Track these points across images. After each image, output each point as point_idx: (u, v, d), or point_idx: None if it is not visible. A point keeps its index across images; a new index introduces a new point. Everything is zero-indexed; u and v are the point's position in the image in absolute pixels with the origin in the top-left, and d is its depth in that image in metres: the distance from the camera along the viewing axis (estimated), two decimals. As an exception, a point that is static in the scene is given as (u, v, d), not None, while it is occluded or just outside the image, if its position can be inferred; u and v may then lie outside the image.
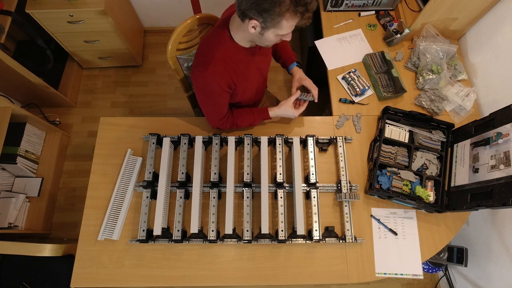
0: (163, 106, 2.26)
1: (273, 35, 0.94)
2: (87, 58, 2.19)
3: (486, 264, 1.44)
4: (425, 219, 1.24)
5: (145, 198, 1.19)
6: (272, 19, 0.87)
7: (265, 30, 0.92)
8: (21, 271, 1.63)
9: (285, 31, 0.92)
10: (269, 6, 0.83)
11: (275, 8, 0.83)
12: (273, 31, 0.92)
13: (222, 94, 1.09)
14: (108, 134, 1.33)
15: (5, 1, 1.61)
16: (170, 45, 1.23)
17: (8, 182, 1.85)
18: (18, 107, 1.69)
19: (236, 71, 1.07)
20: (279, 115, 1.28)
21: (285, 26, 0.90)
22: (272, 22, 0.88)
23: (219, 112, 1.18)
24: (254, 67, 1.16)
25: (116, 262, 1.16)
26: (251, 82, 1.20)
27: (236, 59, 1.05)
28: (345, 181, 1.22)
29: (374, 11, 1.62)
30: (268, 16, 0.86)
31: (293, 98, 1.22)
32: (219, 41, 1.02)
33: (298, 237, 1.17)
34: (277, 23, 0.88)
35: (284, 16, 0.86)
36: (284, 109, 1.23)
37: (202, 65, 1.02)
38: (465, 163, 1.18)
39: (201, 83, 1.05)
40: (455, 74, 1.46)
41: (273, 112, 1.25)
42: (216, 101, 1.13)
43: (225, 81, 1.05)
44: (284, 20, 0.87)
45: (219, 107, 1.16)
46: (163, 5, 2.17)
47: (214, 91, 1.06)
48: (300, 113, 1.25)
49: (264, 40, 0.97)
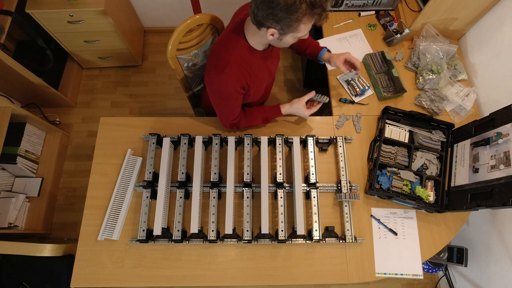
0: (163, 106, 2.26)
1: (292, 38, 0.95)
2: (87, 58, 2.19)
3: (486, 264, 1.44)
4: (425, 219, 1.24)
5: (145, 198, 1.19)
6: (290, 25, 0.88)
7: (284, 36, 0.93)
8: (21, 271, 1.63)
9: (303, 32, 0.93)
10: (285, 14, 0.84)
11: (292, 16, 0.84)
12: (292, 35, 0.93)
13: (237, 96, 1.10)
14: (108, 134, 1.33)
15: (5, 1, 1.61)
16: (170, 45, 1.23)
17: (8, 182, 1.85)
18: (18, 107, 1.68)
19: (250, 73, 1.07)
20: (291, 113, 1.27)
21: (303, 29, 0.91)
22: (290, 28, 0.89)
23: (233, 113, 1.19)
24: (265, 68, 1.16)
25: (116, 262, 1.16)
26: (262, 83, 1.21)
27: (250, 62, 1.06)
28: (345, 181, 1.22)
29: (374, 11, 1.62)
30: (286, 23, 0.87)
31: (306, 97, 1.22)
32: (235, 45, 1.02)
33: (298, 237, 1.17)
34: (295, 28, 0.89)
35: (301, 21, 0.87)
36: (296, 107, 1.23)
37: (217, 68, 1.02)
38: (465, 163, 1.18)
39: (216, 86, 1.05)
40: (455, 74, 1.46)
41: (285, 109, 1.26)
42: (231, 103, 1.13)
43: (240, 84, 1.06)
44: (302, 24, 0.88)
45: (233, 108, 1.16)
46: (163, 5, 2.17)
47: (229, 93, 1.07)
48: (311, 113, 1.25)
49: (282, 43, 0.99)
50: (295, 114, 1.29)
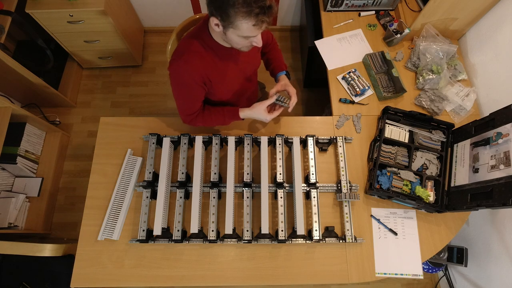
0: (163, 106, 2.26)
1: (235, 35, 0.91)
2: (87, 58, 2.19)
3: (486, 264, 1.44)
4: (425, 219, 1.24)
5: (145, 198, 1.19)
6: (227, 17, 0.85)
7: (226, 30, 0.90)
8: (21, 271, 1.63)
9: (245, 33, 0.88)
10: (221, 3, 0.83)
11: (228, 6, 0.82)
12: (233, 31, 0.89)
13: (195, 87, 1.07)
14: (108, 134, 1.33)
15: (5, 1, 1.61)
16: (170, 45, 1.23)
17: (8, 182, 1.85)
18: (18, 107, 1.69)
19: (213, 68, 1.06)
20: (251, 117, 1.21)
21: (243, 28, 0.86)
22: (228, 20, 0.86)
23: (190, 107, 1.15)
24: (235, 67, 1.13)
25: (116, 262, 1.16)
26: (230, 83, 1.17)
27: (214, 56, 1.05)
28: (345, 181, 1.22)
29: (374, 11, 1.62)
30: (224, 14, 0.84)
31: (268, 102, 1.16)
32: (197, 36, 1.02)
33: (298, 237, 1.17)
34: (234, 23, 0.86)
35: (238, 15, 0.83)
36: (256, 111, 1.17)
37: (176, 54, 1.03)
38: (465, 163, 1.18)
39: (174, 73, 1.04)
40: (455, 74, 1.46)
41: (244, 113, 1.19)
42: (188, 94, 1.10)
43: (198, 74, 1.03)
44: (240, 22, 0.84)
45: (191, 101, 1.13)
46: (163, 5, 2.17)
47: (186, 82, 1.05)
48: (273, 118, 1.19)
49: (229, 41, 0.96)
50: (256, 118, 1.23)
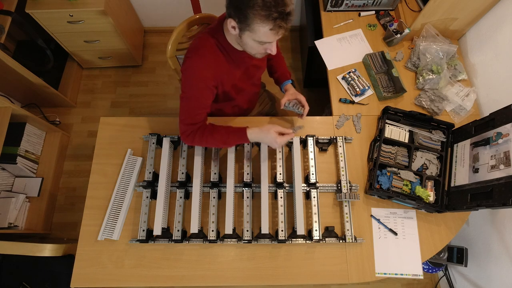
0: (163, 106, 2.26)
1: (250, 39, 0.89)
2: (87, 58, 2.19)
3: (486, 264, 1.44)
4: (425, 219, 1.24)
5: (145, 198, 1.19)
6: (245, 19, 0.83)
7: (242, 33, 0.89)
8: (21, 271, 1.63)
9: (261, 37, 0.87)
10: (240, 4, 0.81)
11: (247, 8, 0.81)
12: (249, 35, 0.88)
13: (206, 91, 1.03)
14: (108, 134, 1.33)
15: (5, 1, 1.61)
16: (170, 45, 1.23)
17: (8, 182, 1.85)
18: (18, 107, 1.69)
19: (224, 69, 1.04)
20: (259, 140, 1.11)
21: (259, 32, 0.85)
22: (245, 23, 0.84)
23: (194, 114, 1.05)
24: (244, 71, 1.12)
25: (116, 262, 1.16)
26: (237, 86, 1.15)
27: (227, 57, 1.03)
28: (345, 181, 1.22)
29: (374, 11, 1.62)
30: (242, 15, 0.83)
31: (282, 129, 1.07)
32: (212, 35, 1.00)
33: (298, 237, 1.17)
34: (252, 26, 0.84)
35: (256, 18, 0.82)
36: (267, 132, 1.06)
37: (191, 51, 1.00)
38: (465, 163, 1.18)
39: (189, 69, 0.99)
40: (455, 74, 1.46)
41: (252, 135, 1.08)
42: (198, 95, 1.03)
43: (211, 73, 1.00)
44: (258, 25, 0.83)
45: (198, 105, 1.04)
46: (163, 5, 2.17)
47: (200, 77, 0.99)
48: (283, 143, 1.09)
49: (244, 45, 0.95)
50: (264, 142, 1.14)
